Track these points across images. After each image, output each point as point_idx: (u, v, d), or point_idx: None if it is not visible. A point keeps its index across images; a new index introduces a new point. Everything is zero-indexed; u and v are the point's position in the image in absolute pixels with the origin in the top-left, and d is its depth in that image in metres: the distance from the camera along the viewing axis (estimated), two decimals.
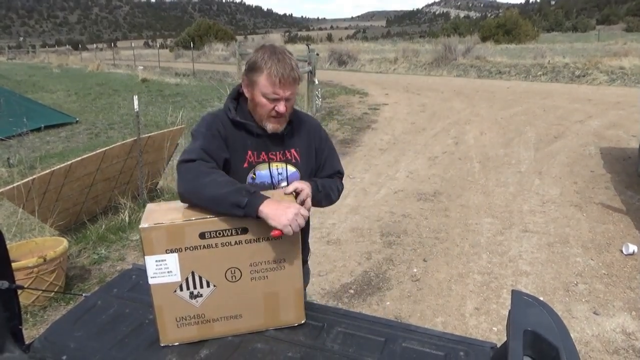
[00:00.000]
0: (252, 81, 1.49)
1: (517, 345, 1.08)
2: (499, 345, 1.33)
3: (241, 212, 1.29)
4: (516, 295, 1.27)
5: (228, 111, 1.55)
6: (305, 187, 1.46)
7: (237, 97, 1.61)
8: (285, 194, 1.43)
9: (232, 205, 1.29)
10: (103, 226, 4.19)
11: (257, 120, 1.54)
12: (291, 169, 1.60)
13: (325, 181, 1.64)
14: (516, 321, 1.17)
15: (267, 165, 1.57)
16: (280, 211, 1.28)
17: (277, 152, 1.58)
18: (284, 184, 1.57)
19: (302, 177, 1.59)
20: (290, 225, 1.28)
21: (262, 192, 1.42)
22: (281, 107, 1.48)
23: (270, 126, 1.53)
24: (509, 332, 1.15)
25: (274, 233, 1.29)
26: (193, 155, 1.41)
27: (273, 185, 1.57)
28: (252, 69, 1.49)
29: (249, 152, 1.55)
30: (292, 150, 1.61)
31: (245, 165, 1.54)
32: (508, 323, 1.21)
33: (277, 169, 1.58)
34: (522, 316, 1.19)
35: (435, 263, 3.61)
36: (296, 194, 1.45)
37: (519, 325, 1.15)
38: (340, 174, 1.75)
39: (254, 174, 1.56)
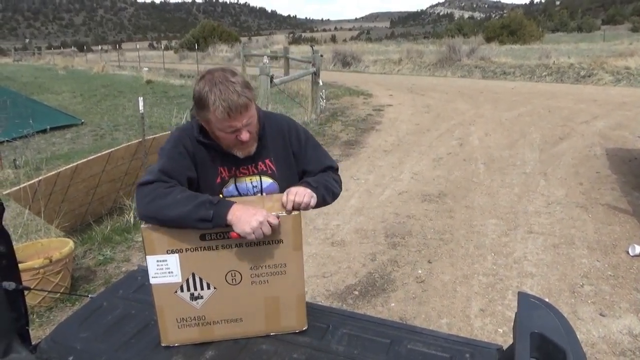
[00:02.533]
0: (203, 118, 1.40)
1: (524, 348, 1.07)
2: (504, 347, 1.32)
3: (209, 225, 1.28)
4: (523, 297, 1.27)
5: (192, 130, 1.48)
6: (291, 190, 1.39)
7: None
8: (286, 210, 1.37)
9: (198, 220, 1.27)
10: (108, 227, 4.21)
11: (224, 147, 1.47)
12: (267, 180, 1.54)
13: (317, 177, 1.56)
14: (523, 323, 1.16)
15: (240, 179, 1.52)
16: (245, 218, 1.27)
17: (249, 166, 1.52)
18: None
19: (281, 187, 1.53)
20: (253, 234, 1.26)
21: (254, 199, 1.43)
22: (244, 135, 1.40)
23: (240, 153, 1.47)
24: (516, 335, 1.15)
25: (233, 235, 1.29)
26: (150, 177, 1.36)
27: None
28: (199, 106, 1.39)
29: (220, 169, 1.50)
30: (267, 161, 1.54)
31: (218, 180, 1.50)
32: (515, 325, 1.21)
33: (252, 182, 1.53)
34: (529, 318, 1.19)
35: (440, 264, 3.60)
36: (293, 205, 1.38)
37: (526, 328, 1.14)
38: (331, 168, 1.64)
39: (226, 189, 1.51)
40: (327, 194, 1.53)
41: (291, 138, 1.59)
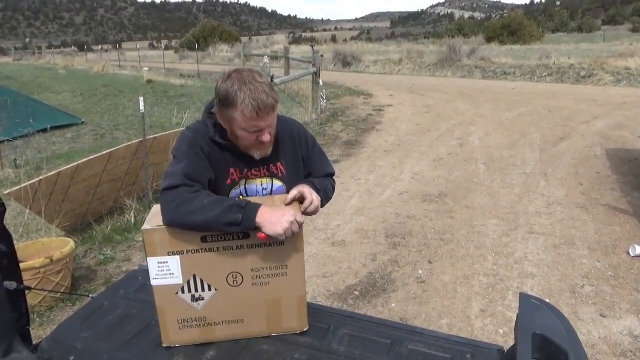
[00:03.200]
0: (227, 117, 1.40)
1: (525, 349, 1.07)
2: (505, 348, 1.32)
3: (238, 229, 1.30)
4: (524, 298, 1.27)
5: (208, 129, 1.48)
6: (306, 191, 1.44)
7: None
8: (286, 204, 1.40)
9: (227, 225, 1.28)
10: (109, 227, 4.21)
11: (242, 148, 1.47)
12: (277, 183, 1.56)
13: (321, 181, 1.62)
14: (524, 324, 1.16)
15: (252, 181, 1.53)
16: (275, 219, 1.29)
17: (261, 168, 1.53)
18: None
19: (289, 190, 1.53)
20: (284, 234, 1.29)
21: (258, 199, 1.42)
22: (266, 136, 1.41)
23: (257, 154, 1.48)
24: (517, 336, 1.14)
25: (261, 235, 1.29)
26: (175, 180, 1.35)
27: None
28: (224, 104, 1.38)
29: (231, 170, 1.50)
30: (278, 164, 1.56)
31: (229, 182, 1.50)
32: (516, 326, 1.21)
33: (262, 185, 1.54)
34: (531, 319, 1.19)
35: (440, 265, 3.59)
36: (300, 200, 1.43)
37: (528, 329, 1.14)
38: (331, 175, 1.71)
39: (235, 190, 1.52)
40: (324, 199, 1.59)
41: (301, 143, 1.61)
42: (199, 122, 1.53)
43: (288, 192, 1.52)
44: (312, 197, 1.44)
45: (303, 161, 1.62)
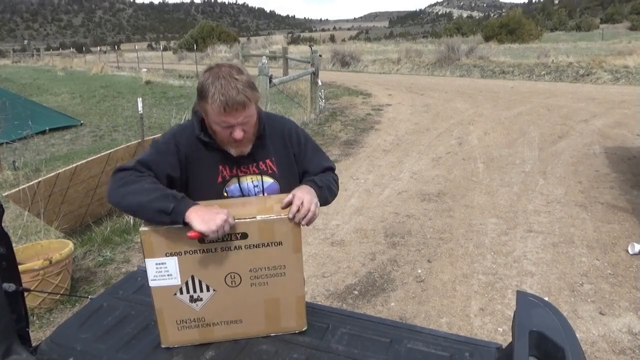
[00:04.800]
0: (203, 110, 1.41)
1: (522, 346, 1.08)
2: (504, 346, 1.32)
3: (167, 218, 1.27)
4: (521, 296, 1.27)
5: (193, 127, 1.48)
6: (296, 197, 1.38)
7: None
8: (282, 207, 1.37)
9: (157, 211, 1.27)
10: (108, 228, 4.21)
11: (219, 144, 1.47)
12: (268, 180, 1.55)
13: (321, 177, 1.57)
14: (522, 322, 1.17)
15: (242, 178, 1.53)
16: (208, 217, 1.25)
17: (250, 165, 1.53)
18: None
19: (282, 188, 1.54)
20: (217, 232, 1.25)
21: (254, 199, 1.43)
22: (237, 133, 1.40)
23: (233, 151, 1.47)
24: (515, 333, 1.15)
25: (191, 234, 1.26)
26: (128, 165, 1.38)
27: None
28: (199, 97, 1.39)
29: (220, 168, 1.50)
30: (267, 161, 1.55)
31: (220, 180, 1.50)
32: (513, 324, 1.21)
33: (252, 182, 1.53)
34: (528, 317, 1.19)
35: (439, 264, 3.60)
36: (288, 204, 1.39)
37: (525, 326, 1.15)
38: (331, 169, 1.66)
39: (228, 188, 1.52)
40: (330, 195, 1.56)
41: (291, 139, 1.60)
42: (189, 120, 1.55)
43: (280, 189, 1.53)
44: (302, 203, 1.36)
45: (295, 158, 1.60)
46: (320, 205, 1.49)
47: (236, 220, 1.32)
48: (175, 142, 1.46)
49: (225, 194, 1.51)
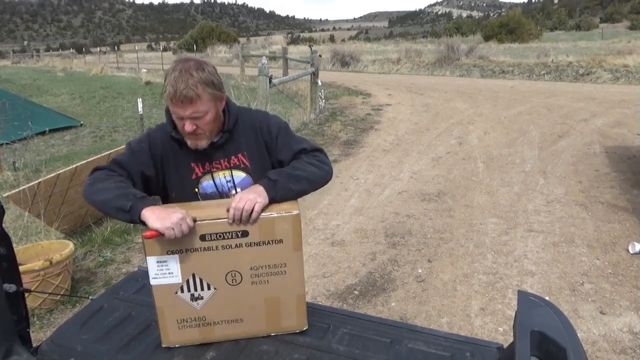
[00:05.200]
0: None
1: (524, 346, 1.08)
2: (505, 346, 1.32)
3: (126, 216, 1.31)
4: (522, 295, 1.27)
5: (167, 127, 1.52)
6: (235, 200, 1.34)
7: None
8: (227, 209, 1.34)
9: (117, 209, 1.31)
10: (108, 229, 4.21)
11: (182, 135, 1.50)
12: (240, 174, 1.56)
13: (286, 167, 1.51)
14: (523, 322, 1.16)
15: (216, 174, 1.54)
16: (163, 215, 1.27)
17: (222, 160, 1.54)
18: (234, 192, 1.54)
19: (255, 181, 1.52)
20: (173, 229, 1.26)
21: (213, 202, 1.44)
22: (187, 126, 1.42)
23: (189, 143, 1.49)
24: (516, 333, 1.15)
25: (146, 233, 1.27)
26: (104, 165, 1.46)
27: (221, 195, 1.54)
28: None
29: (192, 165, 1.53)
30: (239, 155, 1.56)
31: (193, 177, 1.53)
32: (515, 323, 1.21)
33: (225, 177, 1.55)
34: (529, 317, 1.19)
35: (440, 264, 3.60)
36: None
37: (526, 326, 1.15)
38: (305, 150, 1.55)
39: (201, 185, 1.54)
40: (295, 183, 1.44)
41: (262, 130, 1.59)
42: (165, 121, 1.57)
43: (254, 182, 1.52)
44: (235, 204, 1.32)
45: (267, 148, 1.58)
46: (295, 197, 1.44)
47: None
48: (149, 141, 1.51)
49: (196, 190, 1.54)
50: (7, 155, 6.84)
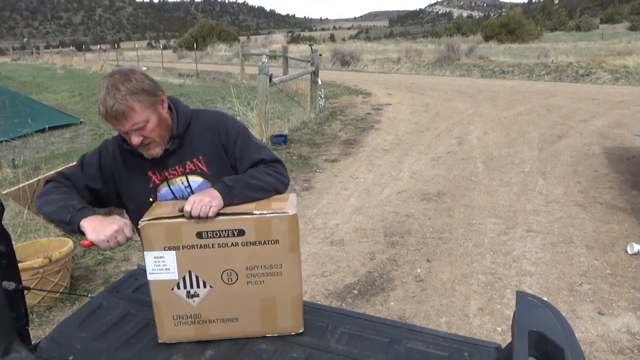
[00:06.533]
0: None
1: (522, 346, 1.08)
2: (503, 346, 1.33)
3: (67, 227, 1.37)
4: (521, 296, 1.27)
5: (119, 138, 1.52)
6: (188, 200, 1.32)
7: None
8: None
9: (59, 221, 1.39)
10: None
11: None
12: (197, 179, 1.53)
13: (243, 174, 1.48)
14: (521, 322, 1.17)
15: (172, 181, 1.53)
16: (100, 227, 1.32)
17: (177, 166, 1.52)
18: None
19: (213, 185, 1.47)
20: (108, 241, 1.32)
21: (170, 203, 1.45)
22: (133, 139, 1.41)
23: (144, 153, 1.47)
24: (514, 333, 1.15)
25: (83, 242, 1.35)
26: (53, 177, 1.52)
27: None
28: None
29: (149, 173, 1.52)
30: (194, 160, 1.53)
31: (151, 185, 1.53)
32: (513, 324, 1.21)
33: (183, 183, 1.53)
34: (527, 317, 1.19)
35: (439, 263, 3.60)
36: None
37: (524, 326, 1.15)
38: (263, 161, 1.52)
39: (159, 192, 1.54)
40: (251, 191, 1.42)
41: (219, 133, 1.54)
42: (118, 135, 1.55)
43: (213, 186, 1.47)
44: (190, 207, 1.30)
45: (225, 151, 1.54)
46: (252, 200, 1.43)
47: (232, 217, 1.32)
48: (99, 155, 1.54)
49: (151, 199, 1.52)
50: (6, 153, 6.83)
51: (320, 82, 9.66)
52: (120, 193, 1.56)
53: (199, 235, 1.32)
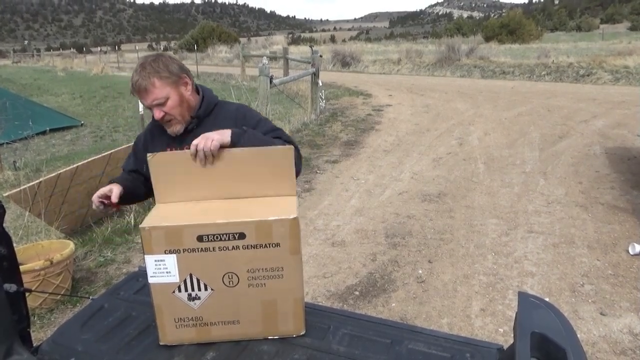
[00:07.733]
0: None
1: (524, 347, 1.08)
2: (505, 347, 1.32)
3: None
4: (523, 297, 1.27)
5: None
6: (202, 139, 1.39)
7: None
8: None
9: None
10: (109, 229, 4.21)
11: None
12: None
13: (256, 132, 1.57)
14: (523, 323, 1.16)
15: None
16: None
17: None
18: None
19: None
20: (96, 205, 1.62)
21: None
22: (155, 113, 1.61)
23: (168, 130, 1.66)
24: (516, 334, 1.15)
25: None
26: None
27: None
28: None
29: (167, 148, 1.67)
30: None
31: None
32: (515, 325, 1.21)
33: None
34: (529, 318, 1.19)
35: (440, 264, 3.60)
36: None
37: (526, 327, 1.14)
38: (280, 138, 1.62)
39: None
40: (256, 141, 1.50)
41: (242, 118, 1.68)
42: None
43: None
44: (197, 142, 1.38)
45: None
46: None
47: (233, 221, 1.32)
48: (136, 141, 1.81)
49: None
50: (7, 155, 6.84)
51: (320, 83, 9.67)
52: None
53: (200, 238, 1.32)
